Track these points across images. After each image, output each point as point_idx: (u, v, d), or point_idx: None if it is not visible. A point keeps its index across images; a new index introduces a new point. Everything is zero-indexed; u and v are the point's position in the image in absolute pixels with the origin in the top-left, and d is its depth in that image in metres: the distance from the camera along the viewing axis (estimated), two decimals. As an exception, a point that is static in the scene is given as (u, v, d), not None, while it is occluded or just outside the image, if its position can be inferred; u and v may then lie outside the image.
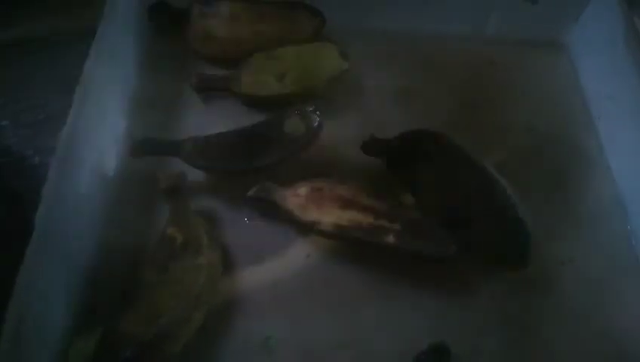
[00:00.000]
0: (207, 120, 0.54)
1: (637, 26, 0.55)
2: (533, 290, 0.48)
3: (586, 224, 0.52)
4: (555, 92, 0.60)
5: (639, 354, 0.46)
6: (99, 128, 0.48)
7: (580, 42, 0.63)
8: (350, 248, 0.48)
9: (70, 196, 0.43)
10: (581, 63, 0.62)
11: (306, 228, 0.48)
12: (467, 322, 0.46)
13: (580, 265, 0.50)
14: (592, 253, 0.50)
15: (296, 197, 0.48)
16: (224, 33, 0.56)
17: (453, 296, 0.47)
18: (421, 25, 0.61)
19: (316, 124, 0.48)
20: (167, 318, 0.40)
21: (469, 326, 0.46)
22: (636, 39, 0.54)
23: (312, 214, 0.47)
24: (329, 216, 0.46)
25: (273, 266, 0.48)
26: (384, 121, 0.55)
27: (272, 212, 0.48)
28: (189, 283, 0.42)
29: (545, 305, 0.47)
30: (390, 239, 0.46)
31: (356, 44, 0.58)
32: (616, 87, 0.56)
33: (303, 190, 0.48)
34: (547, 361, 0.45)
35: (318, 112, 0.49)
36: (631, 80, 0.54)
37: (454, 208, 0.47)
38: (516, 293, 0.48)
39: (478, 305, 0.47)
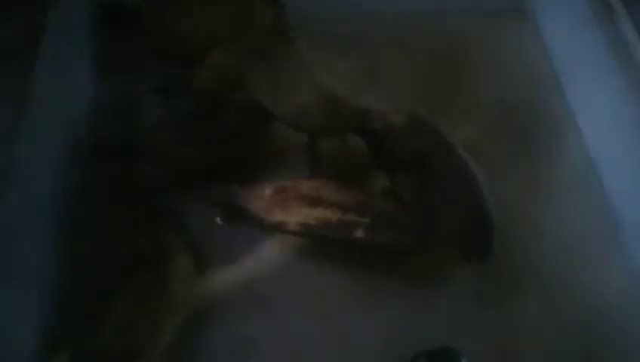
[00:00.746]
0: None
1: (599, -14, 0.54)
2: (507, 261, 0.47)
3: (560, 190, 0.52)
4: (522, 60, 0.60)
5: (617, 323, 0.45)
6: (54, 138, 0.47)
7: (545, 8, 0.62)
8: (325, 243, 0.47)
9: (28, 213, 0.42)
10: (547, 29, 0.61)
11: (273, 230, 0.47)
12: (447, 310, 0.46)
13: (554, 232, 0.49)
14: (567, 220, 0.50)
15: (259, 199, 0.46)
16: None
17: (428, 287, 0.47)
18: (383, 4, 0.60)
19: None
20: (140, 328, 0.40)
21: (448, 313, 0.45)
22: (599, 1, 0.53)
23: (278, 215, 0.46)
24: (295, 216, 0.45)
25: (249, 266, 0.47)
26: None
27: (237, 215, 0.47)
28: (163, 290, 0.42)
29: (520, 276, 0.47)
30: (359, 233, 0.45)
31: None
32: (584, 50, 0.55)
33: (266, 191, 0.46)
34: (524, 334, 0.45)
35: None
36: (597, 42, 0.53)
37: (424, 194, 0.46)
38: (493, 268, 0.46)
39: (454, 290, 0.46)
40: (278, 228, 0.46)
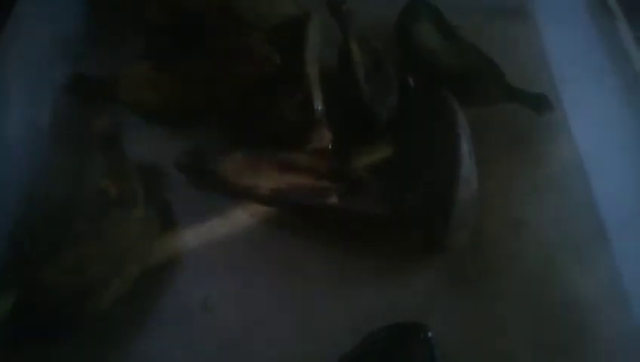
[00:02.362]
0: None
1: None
2: (488, 254, 0.46)
3: (548, 189, 0.51)
4: (519, 59, 0.58)
5: (596, 318, 0.44)
6: (30, 75, 0.45)
7: (544, 10, 0.61)
8: (297, 211, 0.46)
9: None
10: (545, 31, 0.61)
11: (244, 194, 0.45)
12: (418, 288, 0.44)
13: (538, 227, 0.48)
14: (552, 217, 0.49)
15: (231, 162, 0.45)
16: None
17: (404, 262, 0.45)
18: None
19: None
20: (93, 270, 0.37)
21: (420, 294, 0.44)
22: (598, 2, 0.53)
23: (249, 179, 0.44)
24: (266, 181, 0.44)
25: (215, 225, 0.45)
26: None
27: (206, 179, 0.45)
28: (121, 235, 0.40)
29: (499, 267, 0.46)
30: (333, 200, 0.43)
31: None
32: (580, 52, 0.55)
33: (238, 154, 0.45)
34: (499, 322, 0.43)
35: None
36: (594, 46, 0.53)
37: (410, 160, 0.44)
38: (471, 256, 0.46)
39: (430, 270, 0.45)
40: (248, 192, 0.44)
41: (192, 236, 0.44)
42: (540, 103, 0.52)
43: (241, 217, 0.45)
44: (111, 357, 0.38)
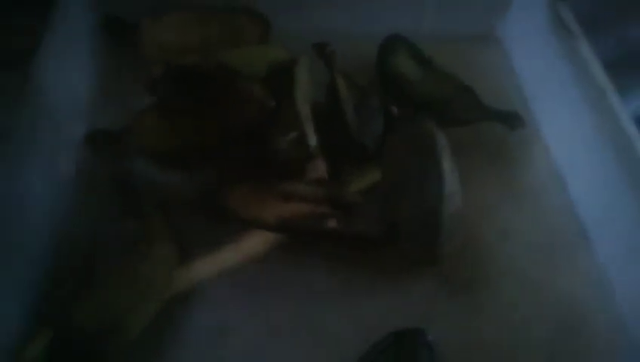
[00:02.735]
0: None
1: (560, 12, 0.59)
2: (479, 263, 0.50)
3: (526, 198, 0.55)
4: (492, 81, 0.63)
5: (583, 316, 0.48)
6: (52, 131, 0.50)
7: (512, 34, 0.67)
8: (301, 236, 0.49)
9: (21, 196, 0.44)
10: (514, 53, 0.66)
11: (251, 225, 0.49)
12: (416, 298, 0.47)
13: (523, 234, 0.52)
14: (534, 223, 0.53)
15: (237, 197, 0.49)
16: (173, 42, 0.58)
17: (401, 275, 0.49)
18: (358, 26, 0.64)
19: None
20: (119, 305, 0.41)
21: (420, 303, 0.47)
22: (559, 24, 0.58)
23: (254, 211, 0.48)
24: (271, 210, 0.48)
25: (227, 255, 0.49)
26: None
27: (218, 213, 0.49)
28: (143, 274, 0.43)
29: (491, 273, 0.49)
30: (332, 224, 0.47)
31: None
32: (546, 70, 0.60)
33: (243, 189, 0.49)
34: (493, 325, 0.47)
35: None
36: (559, 63, 0.58)
37: (395, 184, 0.49)
38: (463, 266, 0.50)
39: (425, 281, 0.49)
40: (255, 223, 0.48)
41: (207, 266, 0.48)
42: (512, 120, 0.57)
43: (250, 245, 0.49)
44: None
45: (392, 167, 0.49)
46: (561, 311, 0.48)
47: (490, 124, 0.57)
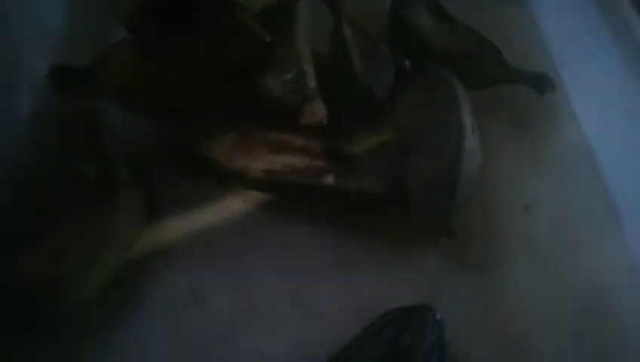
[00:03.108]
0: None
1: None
2: (498, 237, 0.44)
3: (552, 170, 0.49)
4: (517, 44, 0.56)
5: (611, 300, 0.42)
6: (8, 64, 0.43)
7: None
8: (291, 194, 0.43)
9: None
10: (542, 15, 0.59)
11: (235, 178, 0.43)
12: (424, 275, 0.41)
13: (547, 208, 0.46)
14: (560, 197, 0.47)
15: (220, 146, 0.42)
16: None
17: (406, 248, 0.43)
18: None
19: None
20: (71, 259, 0.35)
21: (426, 278, 0.41)
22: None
23: (240, 161, 0.42)
24: (259, 162, 0.42)
25: (205, 214, 0.42)
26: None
27: (197, 166, 0.43)
28: (102, 223, 0.37)
29: (508, 248, 0.43)
30: (329, 180, 0.41)
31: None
32: (578, 29, 0.54)
33: (228, 137, 0.43)
34: (510, 306, 0.41)
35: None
36: (593, 23, 0.52)
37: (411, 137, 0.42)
38: (476, 240, 0.43)
39: (434, 254, 0.43)
40: (240, 176, 0.42)
41: (181, 224, 0.41)
42: (541, 83, 0.50)
43: (232, 204, 0.43)
44: (90, 350, 0.35)
45: (403, 120, 0.42)
46: (584, 297, 0.42)
47: (515, 87, 0.51)
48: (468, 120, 0.40)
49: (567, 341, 0.40)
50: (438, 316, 0.35)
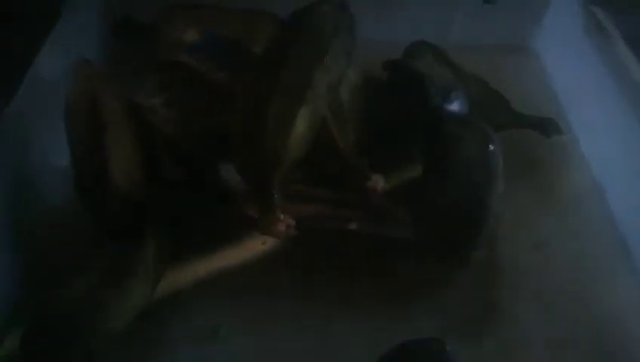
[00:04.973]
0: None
1: (595, 13, 0.56)
2: (511, 275, 0.45)
3: (563, 208, 0.51)
4: (526, 91, 0.60)
5: (625, 336, 0.42)
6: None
7: (546, 42, 0.64)
8: (308, 236, 0.44)
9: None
10: (548, 60, 0.63)
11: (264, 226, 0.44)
12: (439, 310, 0.43)
13: (559, 247, 0.47)
14: (572, 235, 0.48)
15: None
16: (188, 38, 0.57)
17: (422, 285, 0.44)
18: (390, 33, 0.61)
19: None
20: (104, 292, 0.38)
21: (438, 313, 0.43)
22: (595, 27, 0.55)
23: None
24: (291, 211, 0.43)
25: (226, 255, 0.45)
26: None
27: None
28: (131, 257, 0.40)
29: (522, 284, 0.45)
30: (353, 226, 0.44)
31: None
32: (583, 77, 0.56)
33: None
34: (522, 343, 0.42)
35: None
36: (596, 68, 0.54)
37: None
38: (489, 276, 0.45)
39: (449, 291, 0.44)
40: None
41: (204, 264, 0.44)
42: (546, 126, 0.52)
43: (253, 245, 0.45)
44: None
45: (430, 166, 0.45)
46: (598, 335, 0.42)
47: (525, 131, 0.53)
48: (500, 162, 0.43)
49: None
50: (448, 348, 0.36)
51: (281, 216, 0.41)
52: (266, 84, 0.42)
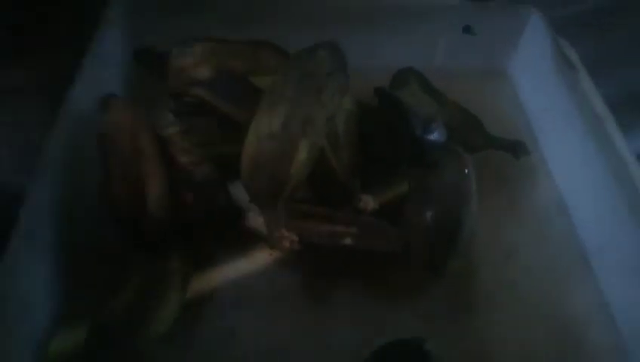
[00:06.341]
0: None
1: (562, 47, 0.62)
2: (483, 281, 0.52)
3: (530, 222, 0.57)
4: (500, 113, 0.66)
5: (583, 336, 0.49)
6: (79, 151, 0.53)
7: (519, 69, 0.70)
8: (314, 251, 0.51)
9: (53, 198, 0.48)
10: (521, 87, 0.70)
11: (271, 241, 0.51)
12: (420, 313, 0.49)
13: (526, 256, 0.54)
14: (537, 246, 0.55)
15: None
16: (198, 71, 0.62)
17: (406, 291, 0.51)
18: (368, 58, 0.64)
19: None
20: (145, 311, 0.45)
21: (420, 316, 0.49)
22: (562, 59, 0.61)
23: None
24: (291, 228, 0.50)
25: (239, 265, 0.52)
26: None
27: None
28: (164, 280, 0.47)
29: (494, 295, 0.51)
30: (347, 241, 0.50)
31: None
32: (551, 102, 0.63)
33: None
34: (495, 342, 0.48)
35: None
36: (563, 96, 0.60)
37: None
38: (467, 283, 0.52)
39: (430, 296, 0.51)
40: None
41: (220, 274, 0.51)
42: (517, 148, 0.59)
43: (261, 257, 0.52)
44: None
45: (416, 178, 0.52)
46: (560, 335, 0.49)
47: (498, 152, 0.60)
48: (474, 185, 0.51)
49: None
50: (427, 347, 0.43)
51: (286, 234, 0.48)
52: (272, 120, 0.48)
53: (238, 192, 0.51)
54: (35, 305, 0.45)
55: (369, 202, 0.52)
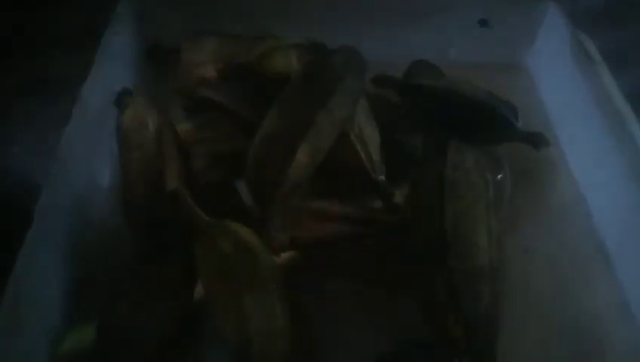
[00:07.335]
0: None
1: (581, 40, 0.61)
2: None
3: (549, 217, 0.56)
4: (519, 106, 0.62)
5: (602, 334, 0.48)
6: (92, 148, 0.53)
7: (537, 62, 0.69)
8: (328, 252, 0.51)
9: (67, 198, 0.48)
10: (540, 80, 0.68)
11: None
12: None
13: (545, 253, 0.53)
14: (556, 243, 0.54)
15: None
16: (208, 68, 0.62)
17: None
18: (387, 53, 0.64)
19: None
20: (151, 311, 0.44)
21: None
22: (581, 52, 0.60)
23: (291, 231, 0.49)
24: (307, 231, 0.49)
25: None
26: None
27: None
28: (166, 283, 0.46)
29: (514, 292, 0.49)
30: (367, 242, 0.50)
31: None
32: (570, 96, 0.61)
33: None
34: (514, 339, 0.46)
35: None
36: (582, 90, 0.59)
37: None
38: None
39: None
40: (291, 243, 0.49)
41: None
42: (536, 140, 0.58)
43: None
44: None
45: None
46: (578, 333, 0.48)
47: (516, 145, 0.58)
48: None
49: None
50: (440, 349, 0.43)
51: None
52: (278, 122, 0.48)
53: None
54: (47, 304, 0.45)
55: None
